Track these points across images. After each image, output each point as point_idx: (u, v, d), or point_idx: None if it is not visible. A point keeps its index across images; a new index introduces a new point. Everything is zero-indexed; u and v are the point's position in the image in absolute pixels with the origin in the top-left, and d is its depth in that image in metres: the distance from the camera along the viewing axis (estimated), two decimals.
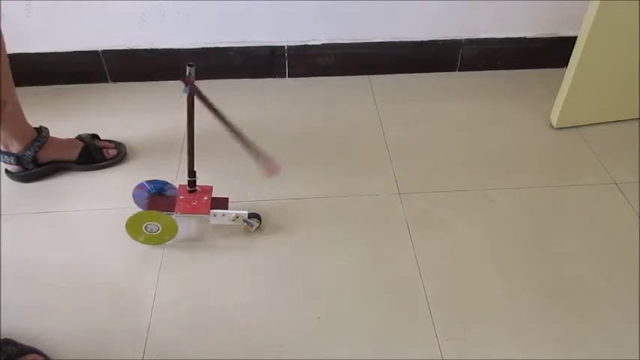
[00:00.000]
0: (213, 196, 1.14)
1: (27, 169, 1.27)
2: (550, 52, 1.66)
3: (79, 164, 1.31)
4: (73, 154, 1.30)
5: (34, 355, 0.92)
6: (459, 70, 1.69)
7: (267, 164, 1.04)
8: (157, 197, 1.16)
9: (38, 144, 1.25)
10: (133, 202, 1.24)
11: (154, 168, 1.33)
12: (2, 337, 0.94)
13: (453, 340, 0.98)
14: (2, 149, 1.24)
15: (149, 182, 1.17)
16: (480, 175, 1.32)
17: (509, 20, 1.60)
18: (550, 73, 1.67)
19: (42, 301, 1.04)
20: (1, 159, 1.25)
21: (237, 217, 1.12)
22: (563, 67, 1.39)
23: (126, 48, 1.57)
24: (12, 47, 1.13)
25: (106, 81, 1.63)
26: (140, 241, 1.13)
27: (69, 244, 1.16)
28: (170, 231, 1.11)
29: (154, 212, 1.09)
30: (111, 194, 1.27)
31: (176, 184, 1.17)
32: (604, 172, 1.33)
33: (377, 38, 1.61)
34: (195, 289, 1.07)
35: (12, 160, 1.25)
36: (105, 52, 1.57)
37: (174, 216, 1.11)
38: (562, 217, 1.22)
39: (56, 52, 1.56)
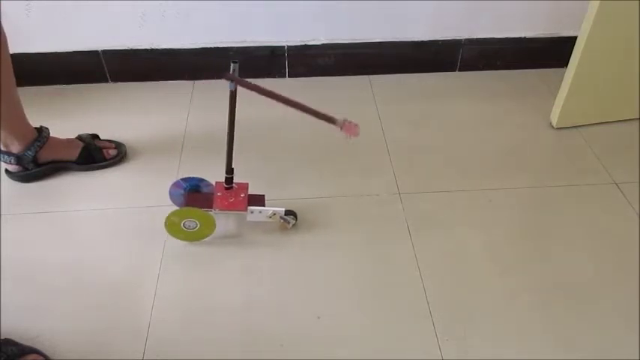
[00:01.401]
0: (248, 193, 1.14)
1: (27, 169, 1.27)
2: (550, 52, 1.66)
3: (79, 164, 1.31)
4: (73, 154, 1.30)
5: (34, 355, 0.92)
6: (459, 70, 1.69)
7: (347, 126, 0.99)
8: (195, 194, 1.16)
9: (39, 144, 1.25)
10: (132, 202, 1.24)
11: (154, 168, 1.34)
12: (2, 337, 0.94)
13: (453, 340, 0.98)
14: (2, 149, 1.24)
15: (184, 179, 1.17)
16: (480, 175, 1.32)
17: (509, 20, 1.60)
18: (550, 73, 1.67)
19: (42, 301, 1.04)
20: (2, 159, 1.25)
21: (275, 214, 1.13)
22: (563, 67, 1.39)
23: (126, 48, 1.57)
24: (12, 47, 1.13)
25: (106, 81, 1.63)
26: (179, 238, 1.13)
27: (69, 244, 1.16)
28: (208, 227, 1.12)
29: (193, 209, 1.09)
30: (111, 194, 1.27)
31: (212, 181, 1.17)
32: (604, 172, 1.33)
33: (377, 38, 1.61)
34: (195, 288, 1.07)
35: (12, 160, 1.25)
36: (105, 52, 1.57)
37: (213, 212, 1.11)
38: (562, 217, 1.22)
39: (56, 52, 1.56)
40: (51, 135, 1.29)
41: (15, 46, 1.13)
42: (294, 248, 1.14)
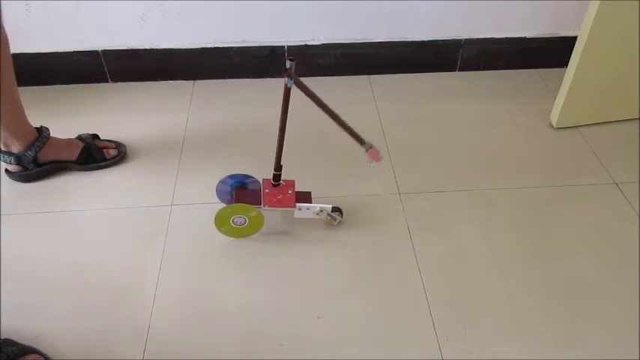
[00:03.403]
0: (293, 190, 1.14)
1: (27, 169, 1.27)
2: (550, 52, 1.66)
3: (79, 164, 1.31)
4: (74, 154, 1.30)
5: (34, 355, 0.92)
6: (459, 70, 1.69)
7: (372, 151, 1.03)
8: (243, 191, 1.16)
9: (39, 144, 1.25)
10: (132, 202, 1.24)
11: (154, 168, 1.34)
12: (2, 337, 0.94)
13: (453, 340, 0.98)
14: (3, 149, 1.24)
15: (231, 176, 1.17)
16: (480, 175, 1.32)
17: (509, 20, 1.60)
18: (550, 73, 1.67)
19: (42, 301, 1.04)
20: (2, 159, 1.25)
21: (322, 210, 1.13)
22: (563, 67, 1.39)
23: (126, 48, 1.57)
24: (12, 47, 1.13)
25: (106, 81, 1.63)
26: (228, 234, 1.14)
27: (69, 244, 1.16)
28: (257, 224, 1.12)
29: (243, 205, 1.09)
30: (111, 194, 1.27)
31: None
32: (604, 172, 1.33)
33: (377, 38, 1.61)
34: (195, 288, 1.07)
35: (12, 160, 1.25)
36: (105, 52, 1.57)
37: (262, 209, 1.11)
38: (562, 217, 1.22)
39: (56, 52, 1.56)
40: (51, 135, 1.29)
41: (15, 46, 1.13)
42: (293, 248, 1.15)
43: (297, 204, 1.12)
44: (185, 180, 1.30)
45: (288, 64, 0.96)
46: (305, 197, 1.15)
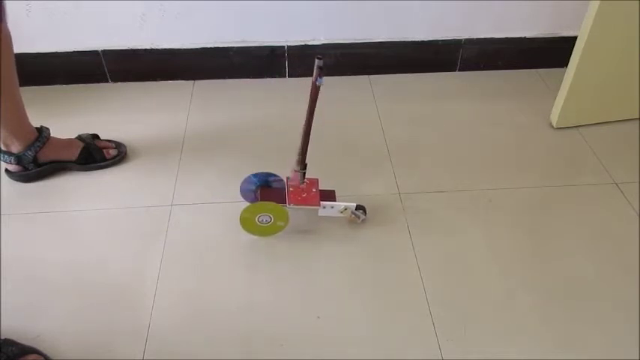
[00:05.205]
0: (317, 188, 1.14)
1: (27, 169, 1.27)
2: (550, 52, 1.66)
3: (79, 164, 1.31)
4: (74, 154, 1.30)
5: (34, 355, 0.92)
6: (459, 70, 1.69)
7: (294, 176, 1.08)
8: (267, 189, 1.16)
9: (39, 144, 1.25)
10: (132, 202, 1.24)
11: (154, 168, 1.34)
12: (2, 337, 0.94)
13: (453, 340, 0.98)
14: (3, 149, 1.24)
15: (255, 175, 1.16)
16: (480, 175, 1.32)
17: (509, 20, 1.60)
18: (550, 73, 1.67)
19: (42, 301, 1.04)
20: (2, 159, 1.25)
21: (346, 209, 1.14)
22: (563, 67, 1.39)
23: (126, 48, 1.57)
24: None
25: (106, 81, 1.63)
26: (253, 233, 1.14)
27: (69, 244, 1.16)
28: (282, 221, 1.12)
29: (269, 203, 1.09)
30: (111, 194, 1.27)
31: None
32: (604, 172, 1.33)
33: (377, 38, 1.61)
34: (195, 288, 1.07)
35: (12, 160, 1.25)
36: (105, 52, 1.57)
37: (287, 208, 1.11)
38: (562, 217, 1.22)
39: (56, 52, 1.56)
40: (51, 135, 1.29)
41: (15, 46, 1.14)
42: (293, 248, 1.14)
43: (322, 202, 1.12)
44: (185, 180, 1.30)
45: (317, 62, 0.96)
46: (329, 195, 1.15)
